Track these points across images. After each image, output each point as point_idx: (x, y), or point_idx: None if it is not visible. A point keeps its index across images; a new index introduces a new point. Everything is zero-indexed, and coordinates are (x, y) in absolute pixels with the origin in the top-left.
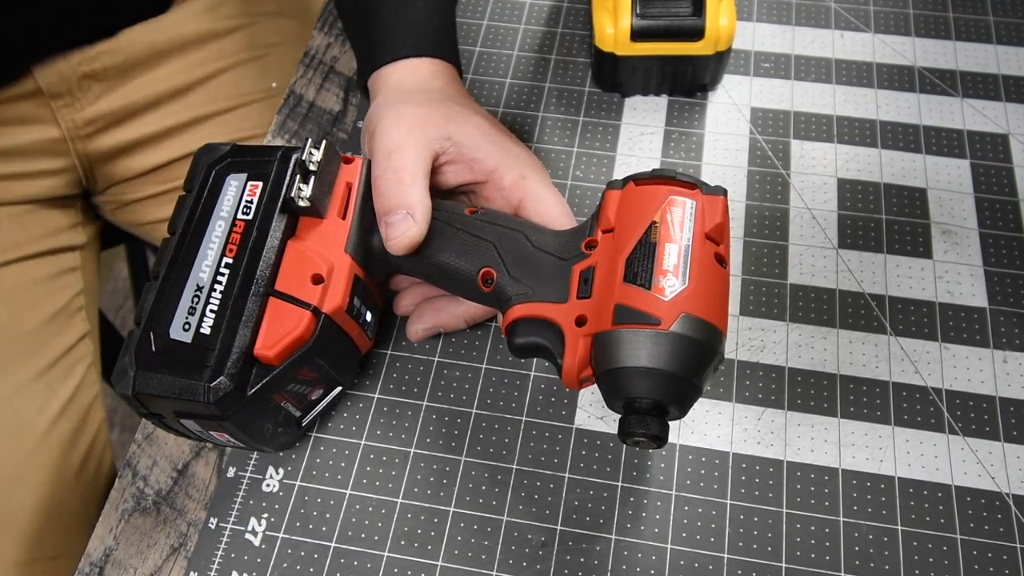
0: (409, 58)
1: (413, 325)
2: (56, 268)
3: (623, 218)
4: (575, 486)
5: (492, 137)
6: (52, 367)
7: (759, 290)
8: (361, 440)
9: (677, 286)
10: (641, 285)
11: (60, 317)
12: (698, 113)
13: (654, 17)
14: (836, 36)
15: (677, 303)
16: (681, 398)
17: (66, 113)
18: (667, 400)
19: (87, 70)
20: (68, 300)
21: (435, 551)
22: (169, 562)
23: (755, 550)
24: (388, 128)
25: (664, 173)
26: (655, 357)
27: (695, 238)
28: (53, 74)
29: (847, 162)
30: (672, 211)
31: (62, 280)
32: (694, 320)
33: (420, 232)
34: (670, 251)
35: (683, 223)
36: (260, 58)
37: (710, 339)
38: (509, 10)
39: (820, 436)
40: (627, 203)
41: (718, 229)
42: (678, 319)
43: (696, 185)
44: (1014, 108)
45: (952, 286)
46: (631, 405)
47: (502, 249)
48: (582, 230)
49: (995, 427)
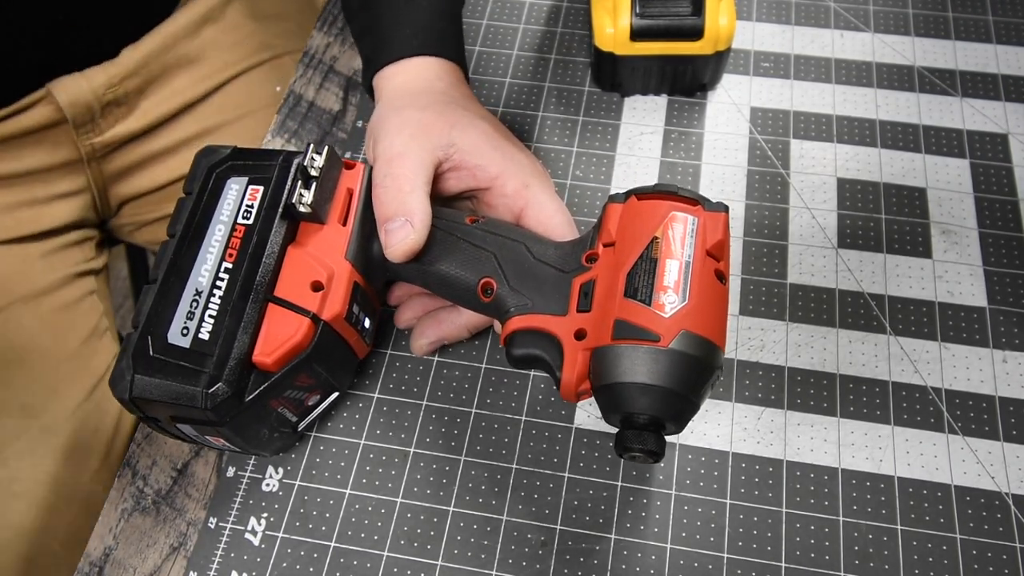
0: (414, 57)
1: (417, 341)
2: (81, 292)
3: (625, 232)
4: (575, 486)
5: (496, 143)
6: (96, 388)
7: (759, 290)
8: (361, 440)
9: (677, 302)
10: (641, 301)
11: (93, 339)
12: (698, 113)
13: (654, 17)
14: (836, 36)
15: (677, 320)
16: (679, 414)
17: (86, 139)
18: (665, 416)
19: (111, 97)
20: (96, 322)
21: (435, 551)
22: (169, 561)
23: (755, 550)
24: (391, 134)
25: (666, 188)
26: (654, 373)
27: (696, 255)
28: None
29: (847, 162)
30: (674, 227)
31: (87, 303)
32: (693, 337)
33: (419, 240)
34: (671, 267)
35: (684, 239)
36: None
37: (709, 356)
38: (509, 10)
39: (820, 436)
40: (629, 217)
41: (719, 246)
42: (678, 336)
43: (698, 201)
44: (1014, 108)
45: (952, 286)
46: (629, 420)
47: (503, 260)
48: (583, 242)
49: (995, 427)
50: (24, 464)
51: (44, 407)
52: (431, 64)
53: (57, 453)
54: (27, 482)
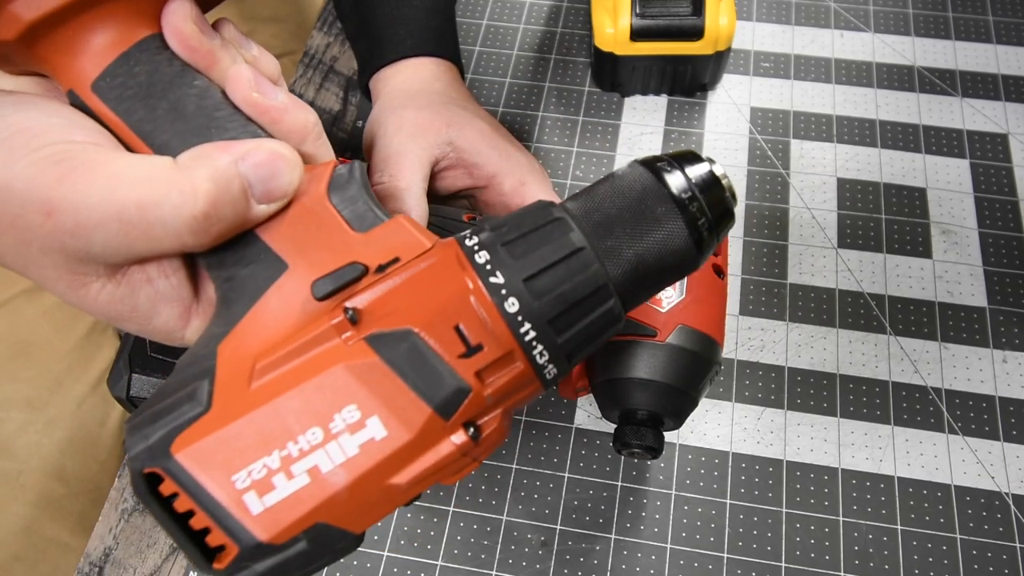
0: (409, 58)
1: None
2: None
3: None
4: (575, 486)
5: (493, 142)
6: (100, 381)
7: (759, 290)
8: None
9: (674, 297)
10: None
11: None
12: (698, 113)
13: (654, 17)
14: (836, 36)
15: (674, 314)
16: (677, 409)
17: None
18: (663, 411)
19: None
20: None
21: (435, 551)
22: (168, 562)
23: (755, 550)
24: (388, 133)
25: None
26: (652, 369)
27: None
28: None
29: (847, 162)
30: None
31: None
32: (691, 332)
33: None
34: None
35: None
36: None
37: (706, 351)
38: (509, 10)
39: (820, 436)
40: None
41: None
42: (675, 330)
43: None
44: (1014, 108)
45: (952, 286)
46: (627, 416)
47: None
48: None
49: (995, 427)
50: (32, 456)
51: (49, 400)
52: (427, 64)
53: (64, 445)
54: (35, 474)
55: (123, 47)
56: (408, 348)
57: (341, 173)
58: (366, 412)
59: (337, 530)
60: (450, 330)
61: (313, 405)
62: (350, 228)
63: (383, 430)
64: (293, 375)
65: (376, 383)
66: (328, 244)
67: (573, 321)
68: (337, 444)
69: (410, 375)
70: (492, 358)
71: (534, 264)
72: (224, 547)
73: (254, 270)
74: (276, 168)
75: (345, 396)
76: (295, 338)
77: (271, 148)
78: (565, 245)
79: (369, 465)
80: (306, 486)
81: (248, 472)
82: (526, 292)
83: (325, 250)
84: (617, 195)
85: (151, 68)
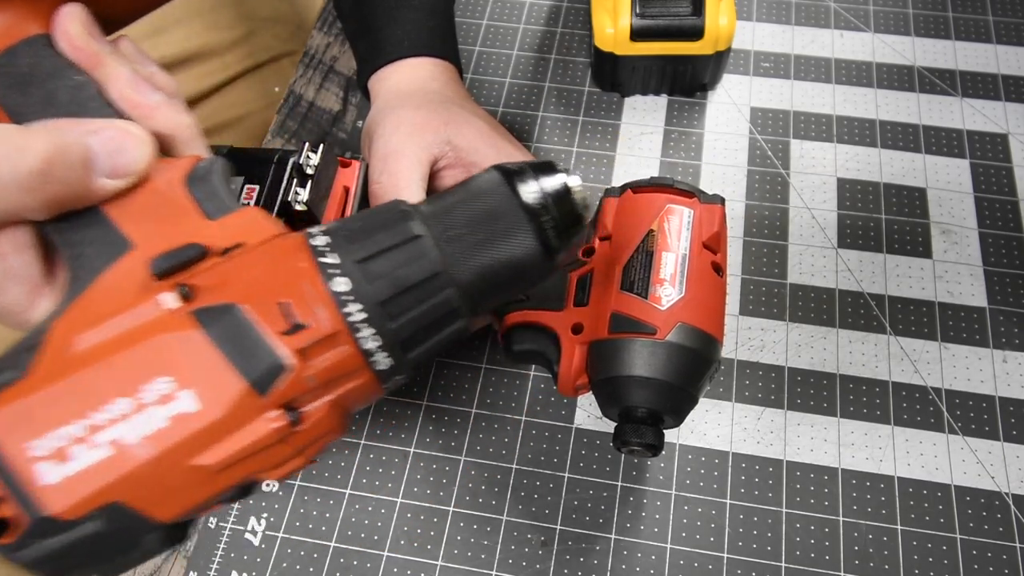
0: (408, 58)
1: None
2: None
3: (620, 226)
4: (575, 486)
5: (491, 140)
6: None
7: (759, 290)
8: (361, 440)
9: (674, 295)
10: (638, 294)
11: None
12: (698, 113)
13: (653, 17)
14: (836, 36)
15: (673, 312)
16: (677, 407)
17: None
18: (663, 409)
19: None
20: None
21: (435, 551)
22: (168, 561)
23: (755, 550)
24: (387, 133)
25: (662, 181)
26: (651, 366)
27: (692, 247)
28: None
29: (847, 162)
30: (670, 220)
31: None
32: (690, 329)
33: None
34: (667, 260)
35: (680, 232)
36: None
37: (706, 348)
38: (509, 10)
39: (820, 436)
40: (624, 211)
41: (715, 238)
42: (674, 328)
43: (694, 193)
44: (1014, 108)
45: (952, 286)
46: (627, 414)
47: None
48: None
49: (995, 427)
50: None
51: None
52: (425, 64)
53: None
54: None
55: (11, 41)
56: (229, 321)
57: (202, 165)
58: (180, 384)
59: (137, 514)
60: (274, 306)
61: (127, 374)
62: (202, 215)
63: (196, 403)
64: (113, 345)
65: (193, 355)
66: (176, 227)
67: (408, 306)
68: (145, 415)
69: (229, 349)
70: (316, 337)
71: (369, 248)
72: (14, 519)
73: (99, 249)
74: (123, 143)
75: (159, 367)
76: (123, 312)
77: (120, 125)
78: (403, 232)
79: (176, 439)
80: (107, 458)
81: (48, 439)
82: (358, 273)
83: (172, 233)
84: (468, 196)
85: (34, 61)
